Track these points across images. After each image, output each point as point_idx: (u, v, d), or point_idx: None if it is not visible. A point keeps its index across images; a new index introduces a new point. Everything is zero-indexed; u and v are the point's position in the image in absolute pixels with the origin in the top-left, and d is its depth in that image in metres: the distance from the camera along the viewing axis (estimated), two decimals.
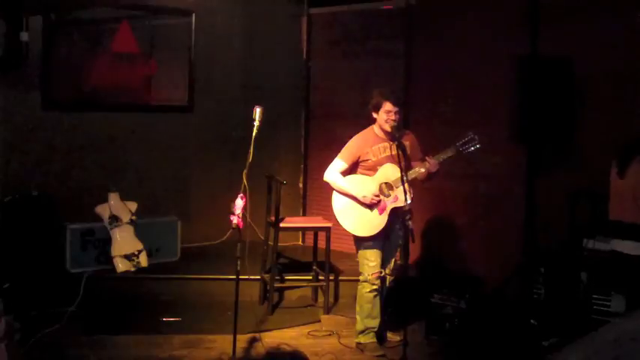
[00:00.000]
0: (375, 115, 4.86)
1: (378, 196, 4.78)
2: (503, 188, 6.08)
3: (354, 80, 7.24)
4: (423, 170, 4.79)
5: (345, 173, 4.90)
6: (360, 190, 4.80)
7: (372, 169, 4.85)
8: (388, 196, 4.81)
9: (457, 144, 4.80)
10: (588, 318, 4.88)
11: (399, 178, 4.71)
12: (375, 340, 4.96)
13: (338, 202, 4.89)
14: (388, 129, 4.77)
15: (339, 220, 4.88)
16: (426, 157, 4.83)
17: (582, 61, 5.35)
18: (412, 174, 4.77)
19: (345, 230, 4.94)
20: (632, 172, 4.82)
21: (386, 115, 4.77)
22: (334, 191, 4.91)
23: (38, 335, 4.78)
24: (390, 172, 4.80)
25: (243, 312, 4.56)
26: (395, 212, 4.84)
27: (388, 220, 4.81)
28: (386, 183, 4.81)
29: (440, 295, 5.18)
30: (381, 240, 4.88)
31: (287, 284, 6.13)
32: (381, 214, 4.80)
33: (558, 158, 5.63)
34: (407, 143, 4.87)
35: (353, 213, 4.84)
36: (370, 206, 4.81)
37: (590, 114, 5.45)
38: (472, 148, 4.81)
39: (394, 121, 4.77)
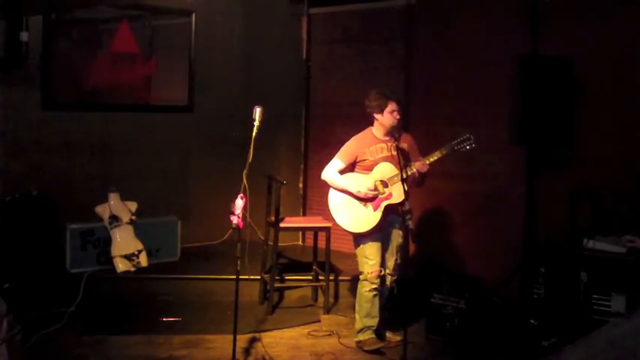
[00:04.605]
0: (377, 117, 4.87)
1: (373, 190, 4.82)
2: (503, 188, 6.08)
3: (354, 80, 7.24)
4: (414, 169, 4.82)
5: (343, 173, 4.94)
6: (356, 186, 4.84)
7: (369, 168, 4.89)
8: (383, 193, 4.85)
9: (452, 143, 4.84)
10: (588, 318, 4.88)
11: (394, 176, 4.80)
12: (373, 335, 4.96)
13: (333, 200, 4.94)
14: (394, 126, 4.82)
15: (334, 216, 4.93)
16: (419, 158, 4.86)
17: (582, 61, 5.35)
18: (407, 170, 4.82)
19: (343, 229, 4.96)
20: None
21: (391, 115, 4.83)
22: (331, 189, 4.95)
23: (38, 335, 4.78)
24: (386, 170, 4.86)
25: (243, 312, 4.55)
26: (391, 210, 4.86)
27: (382, 217, 4.85)
28: (381, 180, 4.86)
29: (440, 295, 5.18)
30: (378, 236, 4.90)
31: (287, 284, 6.13)
32: (375, 210, 4.85)
33: (558, 158, 5.63)
34: (404, 145, 4.89)
35: (347, 210, 4.88)
36: (365, 202, 4.85)
37: (590, 114, 5.45)
38: (467, 147, 4.83)
39: (398, 120, 4.84)
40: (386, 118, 4.84)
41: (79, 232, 6.21)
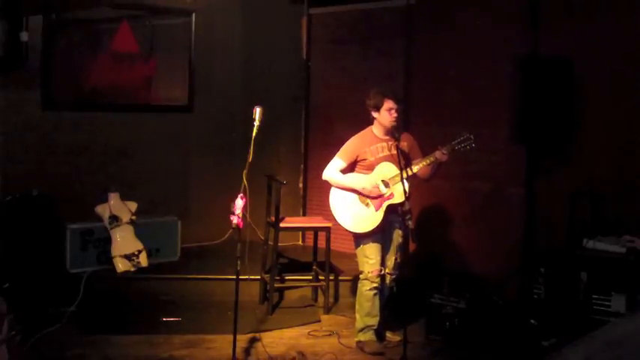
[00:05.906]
0: (375, 115, 4.89)
1: (376, 187, 4.82)
2: (503, 188, 6.08)
3: (354, 80, 7.24)
4: (427, 162, 4.80)
5: (344, 172, 4.95)
6: (360, 183, 4.83)
7: (370, 168, 4.90)
8: (384, 193, 4.84)
9: (452, 143, 4.84)
10: (588, 318, 4.89)
11: (395, 176, 4.80)
12: (374, 337, 4.97)
13: (335, 199, 4.95)
14: (391, 125, 4.81)
15: (335, 216, 4.93)
16: (438, 147, 4.82)
17: (582, 61, 5.35)
18: (419, 163, 4.82)
19: (344, 229, 4.96)
20: None
21: (388, 113, 4.82)
22: (332, 188, 4.95)
23: (38, 335, 4.78)
24: (387, 169, 4.87)
25: (243, 312, 4.56)
26: (392, 209, 4.87)
27: (384, 217, 4.85)
28: (382, 180, 4.86)
29: (440, 295, 5.18)
30: (379, 237, 4.90)
31: (287, 284, 6.13)
32: (377, 210, 4.85)
33: (558, 158, 5.63)
34: (404, 144, 4.90)
35: (349, 210, 4.89)
36: (367, 202, 4.85)
37: (590, 114, 5.46)
38: (467, 147, 4.83)
39: (396, 119, 4.82)
40: (383, 116, 4.84)
41: (79, 232, 6.20)
